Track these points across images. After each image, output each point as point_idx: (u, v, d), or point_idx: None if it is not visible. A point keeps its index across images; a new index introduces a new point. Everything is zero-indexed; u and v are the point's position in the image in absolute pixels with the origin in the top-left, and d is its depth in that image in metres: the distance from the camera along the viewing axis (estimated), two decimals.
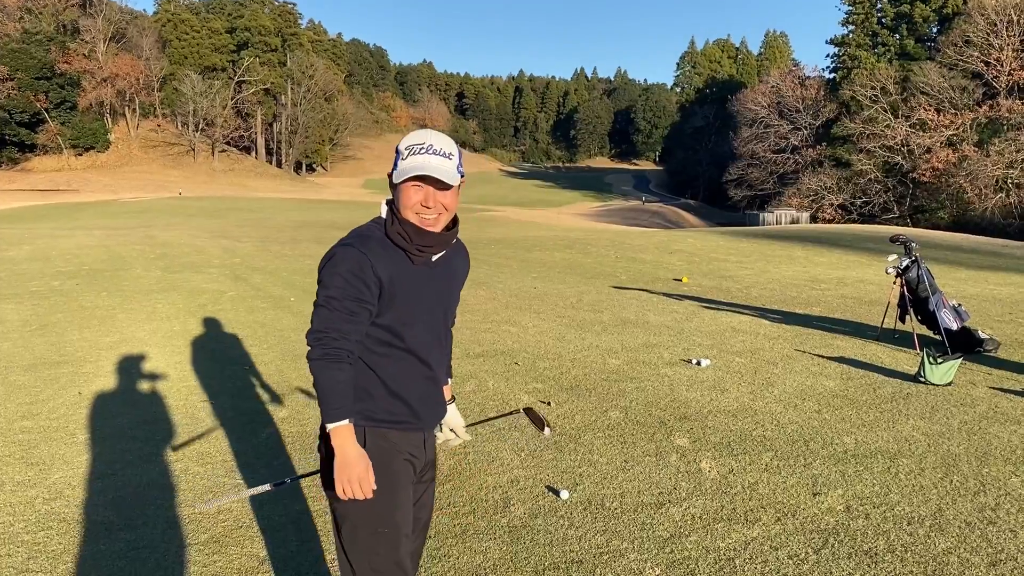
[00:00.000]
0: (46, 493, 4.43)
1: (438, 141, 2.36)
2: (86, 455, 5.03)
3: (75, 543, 3.83)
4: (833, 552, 3.69)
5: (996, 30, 56.36)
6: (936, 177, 58.38)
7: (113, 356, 7.75)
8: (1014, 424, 5.59)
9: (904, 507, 4.19)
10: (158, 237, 21.04)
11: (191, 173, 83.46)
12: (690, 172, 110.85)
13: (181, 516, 4.14)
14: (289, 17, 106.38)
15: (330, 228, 28.44)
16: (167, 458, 4.99)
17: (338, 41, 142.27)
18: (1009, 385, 6.69)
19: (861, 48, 72.26)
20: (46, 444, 5.22)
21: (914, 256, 8.23)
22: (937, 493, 4.37)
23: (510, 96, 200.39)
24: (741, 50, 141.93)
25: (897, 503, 4.24)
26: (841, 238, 23.67)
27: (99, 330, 9.04)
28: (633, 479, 4.63)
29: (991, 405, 6.07)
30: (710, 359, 7.61)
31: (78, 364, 7.42)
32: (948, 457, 4.92)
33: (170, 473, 4.75)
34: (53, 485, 4.54)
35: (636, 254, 18.86)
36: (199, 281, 12.91)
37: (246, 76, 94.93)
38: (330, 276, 2.27)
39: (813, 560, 3.62)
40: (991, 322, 9.59)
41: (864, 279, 14.11)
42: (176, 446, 5.20)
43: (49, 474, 4.71)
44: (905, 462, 4.84)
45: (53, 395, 6.38)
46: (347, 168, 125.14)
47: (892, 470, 4.71)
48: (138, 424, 5.65)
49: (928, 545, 3.75)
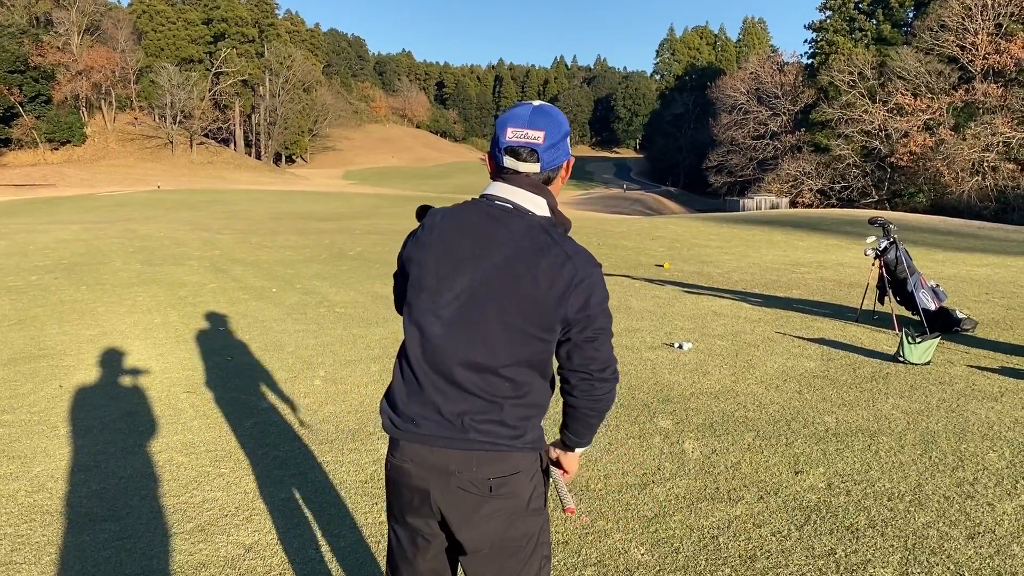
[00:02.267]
0: (28, 486, 4.40)
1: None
2: (68, 448, 5.00)
3: (59, 534, 3.81)
4: (815, 528, 3.74)
5: (971, 14, 56.73)
6: (913, 161, 58.84)
7: (94, 349, 7.69)
8: (991, 401, 5.67)
9: (884, 483, 4.25)
10: (137, 231, 20.85)
11: (169, 166, 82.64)
12: (670, 159, 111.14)
13: (166, 506, 4.13)
14: (266, 7, 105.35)
15: (310, 219, 28.29)
16: (150, 449, 4.97)
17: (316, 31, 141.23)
18: (986, 363, 6.79)
19: (838, 33, 72.54)
20: (27, 438, 5.18)
21: (892, 238, 8.31)
22: (916, 469, 4.43)
23: (490, 85, 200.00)
24: (720, 37, 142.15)
25: (877, 480, 4.30)
26: (821, 222, 23.84)
27: (79, 323, 8.96)
28: (617, 461, 4.66)
29: (969, 383, 6.16)
30: (692, 343, 7.66)
31: (58, 357, 7.36)
32: (927, 434, 4.99)
33: (154, 464, 4.73)
34: (35, 478, 4.51)
35: (618, 240, 18.90)
36: (180, 274, 12.82)
37: (223, 67, 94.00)
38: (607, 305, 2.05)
39: (796, 537, 3.67)
40: (968, 302, 9.70)
41: (843, 262, 14.23)
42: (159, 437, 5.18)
43: (31, 467, 4.68)
44: (885, 440, 4.90)
45: (34, 389, 6.32)
46: (327, 159, 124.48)
47: (872, 448, 4.78)
48: (120, 416, 5.62)
49: (908, 519, 3.81)
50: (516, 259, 1.91)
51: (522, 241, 1.93)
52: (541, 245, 1.93)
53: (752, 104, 76.67)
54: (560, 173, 2.07)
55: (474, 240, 1.95)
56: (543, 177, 2.02)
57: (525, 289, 1.90)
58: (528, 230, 1.94)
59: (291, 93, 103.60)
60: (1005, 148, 53.02)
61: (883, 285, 8.37)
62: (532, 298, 1.90)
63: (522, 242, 1.93)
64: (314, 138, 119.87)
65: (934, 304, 8.06)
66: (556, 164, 2.02)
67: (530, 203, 1.98)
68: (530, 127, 1.96)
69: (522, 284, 1.90)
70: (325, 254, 15.96)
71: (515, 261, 1.91)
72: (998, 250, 16.53)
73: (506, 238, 1.93)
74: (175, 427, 5.39)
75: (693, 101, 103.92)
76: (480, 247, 1.94)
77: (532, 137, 1.96)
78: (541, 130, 1.96)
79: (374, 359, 7.19)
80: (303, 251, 16.63)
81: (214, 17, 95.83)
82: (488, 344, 1.93)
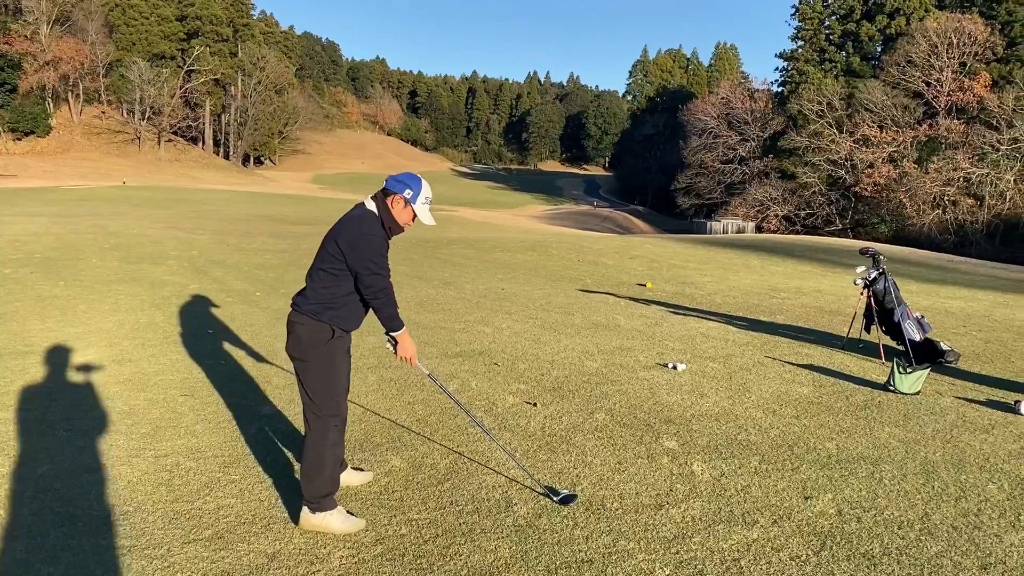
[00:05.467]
0: (34, 487, 4.31)
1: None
2: (70, 449, 4.90)
3: (73, 537, 3.74)
4: (832, 554, 3.81)
5: (937, 52, 58.21)
6: (877, 192, 60.07)
7: (82, 347, 7.54)
8: (983, 433, 5.82)
9: (892, 511, 4.33)
10: (109, 226, 20.45)
11: (136, 162, 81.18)
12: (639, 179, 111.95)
13: (180, 511, 4.07)
14: (241, 7, 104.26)
15: (283, 222, 28.04)
16: (155, 453, 4.89)
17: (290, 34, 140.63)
18: (973, 395, 6.96)
19: (809, 63, 73.88)
20: (26, 437, 5.06)
21: (882, 268, 8.49)
22: (921, 498, 4.53)
23: (463, 96, 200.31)
24: (692, 61, 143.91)
25: (885, 507, 4.38)
26: (794, 248, 24.24)
27: (62, 320, 8.78)
28: (629, 480, 4.70)
29: (959, 414, 6.31)
30: (685, 364, 7.74)
31: (46, 355, 7.20)
32: (927, 464, 5.10)
33: (161, 468, 4.65)
34: (40, 479, 4.42)
35: (597, 258, 19.03)
36: (159, 273, 12.62)
37: (196, 65, 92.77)
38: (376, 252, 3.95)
39: (814, 562, 3.73)
40: (948, 334, 9.94)
41: (820, 289, 14.48)
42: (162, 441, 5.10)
43: (34, 468, 4.57)
44: (887, 468, 5.00)
45: (26, 387, 6.18)
46: (296, 162, 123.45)
47: (876, 475, 4.87)
48: (119, 418, 5.52)
49: (920, 548, 3.89)
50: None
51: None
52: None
53: (722, 128, 77.67)
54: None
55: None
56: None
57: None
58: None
59: (263, 94, 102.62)
60: (965, 183, 54.38)
61: (870, 314, 8.55)
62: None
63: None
64: (284, 140, 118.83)
65: (919, 335, 8.25)
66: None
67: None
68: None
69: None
70: (305, 259, 15.71)
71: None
72: (968, 283, 16.95)
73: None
74: (178, 431, 5.31)
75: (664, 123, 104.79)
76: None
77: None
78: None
79: (370, 368, 7.16)
80: (283, 255, 16.48)
81: (188, 14, 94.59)
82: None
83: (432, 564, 3.61)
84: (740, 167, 75.75)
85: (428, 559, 3.65)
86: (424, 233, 23.60)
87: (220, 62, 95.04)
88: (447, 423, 5.65)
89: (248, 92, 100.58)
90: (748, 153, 75.91)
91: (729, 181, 76.01)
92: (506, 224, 46.93)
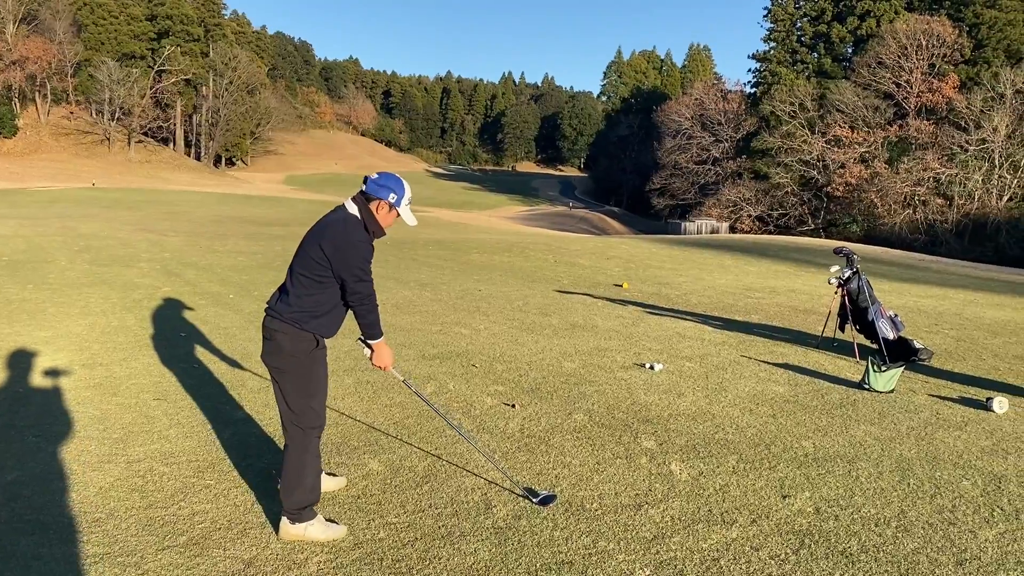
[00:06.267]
0: (3, 495, 4.21)
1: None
2: (40, 455, 4.80)
3: (43, 545, 3.66)
4: (811, 552, 3.82)
5: (907, 53, 59.01)
6: (849, 192, 60.75)
7: (51, 351, 7.41)
8: (957, 430, 5.89)
9: (869, 509, 4.36)
10: (78, 228, 20.20)
11: (106, 164, 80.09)
12: (614, 180, 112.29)
13: (153, 518, 4.00)
14: (212, 7, 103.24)
15: (256, 224, 27.84)
16: (128, 458, 4.81)
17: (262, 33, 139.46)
18: (946, 393, 7.04)
19: (781, 65, 74.54)
20: None
21: (855, 268, 8.57)
22: (897, 495, 4.57)
23: (437, 96, 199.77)
24: (666, 62, 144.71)
25: (862, 505, 4.41)
26: (768, 248, 24.44)
27: (31, 324, 8.62)
28: (608, 481, 4.69)
29: (933, 412, 6.38)
30: (662, 364, 7.76)
31: (15, 359, 7.06)
32: (902, 461, 5.15)
33: (134, 474, 4.57)
34: (9, 486, 4.32)
35: (574, 259, 19.06)
36: (130, 276, 12.45)
37: (166, 65, 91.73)
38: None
39: (794, 561, 3.74)
40: (920, 332, 10.06)
41: (794, 289, 14.61)
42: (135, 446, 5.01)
43: (3, 474, 4.47)
44: (863, 465, 5.04)
45: None
46: (269, 163, 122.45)
47: (852, 473, 4.90)
48: (90, 423, 5.42)
49: (897, 545, 3.92)
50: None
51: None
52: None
53: (696, 129, 78.12)
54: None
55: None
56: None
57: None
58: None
59: (235, 95, 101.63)
60: (935, 183, 55.19)
61: (844, 313, 8.63)
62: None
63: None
64: (256, 141, 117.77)
65: (893, 334, 8.33)
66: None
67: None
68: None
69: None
70: (279, 261, 15.69)
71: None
72: (939, 282, 17.18)
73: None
74: (151, 436, 5.22)
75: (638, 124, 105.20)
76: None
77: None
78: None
79: (347, 371, 7.09)
80: (255, 256, 16.33)
81: (159, 14, 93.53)
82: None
83: (411, 568, 3.57)
84: (714, 168, 76.25)
85: (407, 563, 3.62)
86: (400, 235, 23.53)
87: (191, 62, 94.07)
88: (425, 426, 5.61)
89: (220, 92, 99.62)
90: (721, 154, 76.43)
91: (703, 182, 76.46)
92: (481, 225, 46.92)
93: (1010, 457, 5.29)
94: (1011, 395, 6.82)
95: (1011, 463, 5.17)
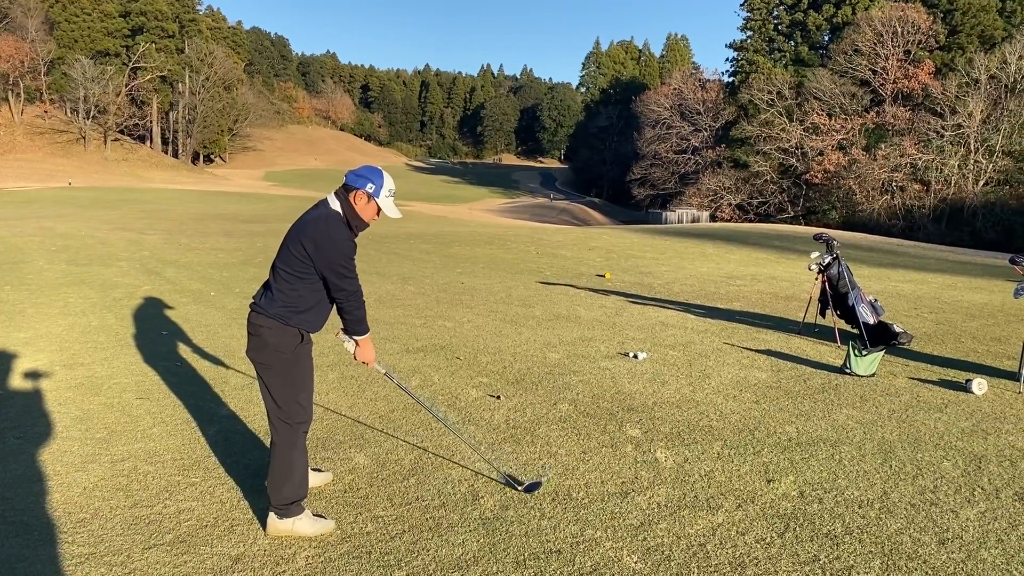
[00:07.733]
0: None
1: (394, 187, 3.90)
2: (22, 456, 4.76)
3: (28, 547, 3.63)
4: (796, 535, 3.86)
5: (882, 40, 59.43)
6: (827, 179, 61.16)
7: (31, 352, 7.33)
8: (937, 412, 5.96)
9: (853, 491, 4.41)
10: (55, 228, 19.98)
11: (82, 163, 79.13)
12: (595, 171, 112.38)
13: (139, 517, 3.98)
14: (187, 2, 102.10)
15: (235, 221, 27.64)
16: (111, 458, 4.77)
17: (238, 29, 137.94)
18: (926, 376, 7.12)
19: (759, 53, 74.83)
20: None
21: (835, 254, 8.64)
22: (880, 478, 4.62)
23: (416, 90, 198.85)
24: (644, 52, 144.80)
25: (846, 488, 4.46)
26: (748, 236, 24.57)
27: (9, 325, 8.52)
28: (594, 469, 4.71)
29: (913, 395, 6.45)
30: (646, 352, 7.79)
31: None
32: (884, 444, 5.21)
33: (118, 473, 4.54)
34: None
35: (556, 250, 19.09)
36: (110, 275, 12.33)
37: (141, 62, 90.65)
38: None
39: (779, 544, 3.78)
40: (899, 317, 10.16)
41: (776, 276, 14.70)
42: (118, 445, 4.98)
43: None
44: (846, 449, 5.09)
45: None
46: (247, 159, 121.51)
47: (835, 457, 4.96)
48: (72, 423, 5.38)
49: (881, 526, 3.97)
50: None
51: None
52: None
53: (675, 119, 78.34)
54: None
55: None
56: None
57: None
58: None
59: (211, 91, 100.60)
60: (912, 169, 55.66)
61: (825, 299, 8.70)
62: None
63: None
64: (234, 137, 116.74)
65: (873, 318, 8.41)
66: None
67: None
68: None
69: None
70: (260, 257, 15.61)
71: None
72: (917, 267, 17.35)
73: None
74: (134, 435, 5.19)
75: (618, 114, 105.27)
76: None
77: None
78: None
79: (331, 366, 7.07)
80: (235, 254, 16.23)
81: (132, 10, 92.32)
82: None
83: (400, 560, 3.58)
84: (693, 157, 76.52)
85: (395, 555, 3.62)
86: (382, 228, 23.44)
87: (166, 58, 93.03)
88: (410, 419, 5.61)
89: (196, 89, 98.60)
90: (701, 143, 76.68)
91: (683, 171, 76.72)
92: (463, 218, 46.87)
93: (990, 437, 5.37)
94: (989, 376, 6.91)
95: (991, 443, 5.25)
